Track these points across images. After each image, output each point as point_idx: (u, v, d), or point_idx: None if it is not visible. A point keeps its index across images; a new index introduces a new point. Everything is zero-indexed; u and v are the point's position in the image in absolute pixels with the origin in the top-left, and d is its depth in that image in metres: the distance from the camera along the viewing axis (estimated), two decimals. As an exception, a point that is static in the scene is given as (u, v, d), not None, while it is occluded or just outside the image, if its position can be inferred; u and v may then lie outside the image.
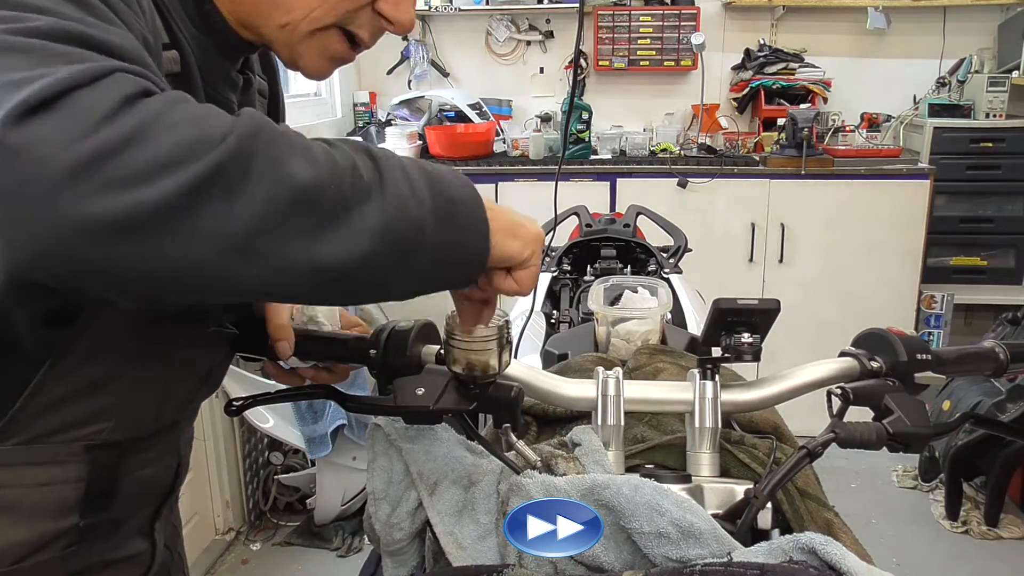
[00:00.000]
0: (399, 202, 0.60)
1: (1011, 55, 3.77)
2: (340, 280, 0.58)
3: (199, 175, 0.52)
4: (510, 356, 0.81)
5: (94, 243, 0.51)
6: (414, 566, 0.92)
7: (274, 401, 0.98)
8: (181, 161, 0.51)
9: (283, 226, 0.55)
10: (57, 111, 0.50)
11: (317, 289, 0.59)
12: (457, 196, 0.65)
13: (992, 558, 2.82)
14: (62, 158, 0.49)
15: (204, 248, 0.53)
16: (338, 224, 0.57)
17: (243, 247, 0.54)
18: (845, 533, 0.89)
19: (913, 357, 0.88)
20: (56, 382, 0.71)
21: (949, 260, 3.81)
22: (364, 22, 0.79)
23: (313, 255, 0.56)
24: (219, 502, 2.79)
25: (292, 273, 0.56)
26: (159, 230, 0.52)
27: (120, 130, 0.51)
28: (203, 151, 0.52)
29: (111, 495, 0.79)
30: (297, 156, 0.56)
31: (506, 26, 4.12)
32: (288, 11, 0.75)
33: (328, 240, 0.56)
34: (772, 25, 4.05)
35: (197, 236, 0.52)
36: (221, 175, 0.52)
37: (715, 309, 0.85)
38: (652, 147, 3.84)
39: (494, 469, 0.86)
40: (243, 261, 0.54)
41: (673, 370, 1.09)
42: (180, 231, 0.52)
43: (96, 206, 0.50)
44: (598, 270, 2.01)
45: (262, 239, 0.54)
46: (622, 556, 0.75)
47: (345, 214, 0.57)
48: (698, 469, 0.89)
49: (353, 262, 0.57)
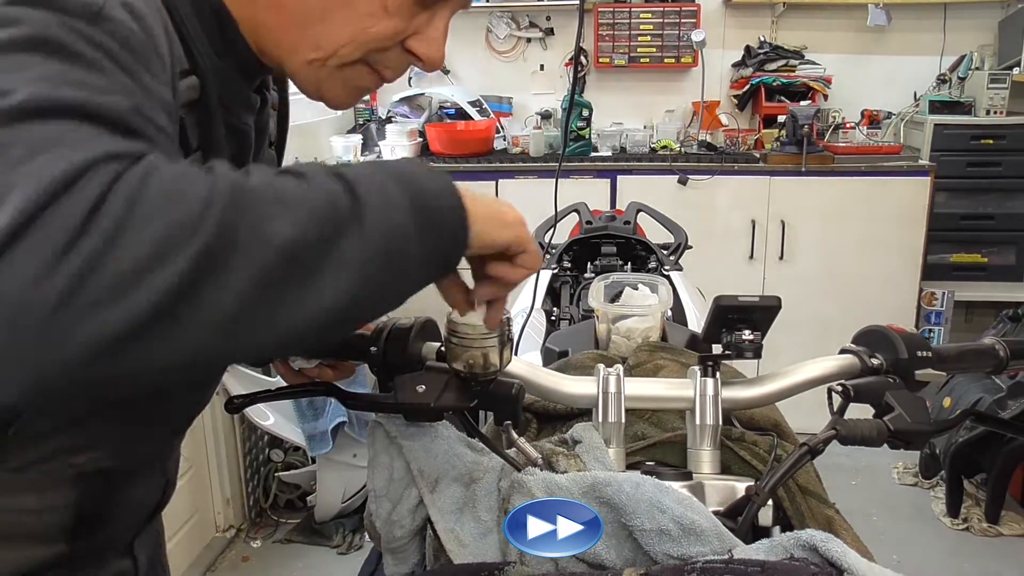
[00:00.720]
0: (380, 218, 0.59)
1: (1012, 52, 3.76)
2: (345, 314, 0.58)
3: (186, 266, 0.50)
4: (511, 353, 0.81)
5: (100, 362, 0.49)
6: (415, 563, 0.92)
7: (274, 398, 0.98)
8: (163, 256, 0.49)
9: (277, 287, 0.53)
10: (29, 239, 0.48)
11: (325, 331, 0.58)
12: (431, 192, 0.63)
13: (993, 555, 2.82)
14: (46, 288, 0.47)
15: (208, 333, 0.52)
16: (327, 266, 0.55)
17: (245, 320, 0.53)
18: (846, 530, 0.89)
19: (913, 354, 0.88)
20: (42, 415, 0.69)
21: (949, 257, 3.81)
22: (392, 60, 0.77)
23: (312, 305, 0.55)
24: (219, 499, 2.79)
25: (297, 328, 0.55)
26: (160, 329, 0.50)
27: (95, 243, 0.48)
28: (184, 239, 0.50)
29: (100, 521, 0.77)
30: (275, 211, 0.54)
31: (506, 23, 4.11)
32: (316, 47, 0.73)
33: (322, 285, 0.55)
34: (772, 22, 4.05)
35: (198, 324, 0.51)
36: (208, 258, 0.51)
37: (716, 306, 0.85)
38: (652, 144, 3.83)
39: (495, 466, 0.86)
40: (249, 333, 0.53)
41: (674, 367, 1.09)
42: (180, 324, 0.51)
43: (90, 328, 0.48)
44: (598, 267, 2.01)
45: (261, 307, 0.53)
46: (623, 553, 0.75)
47: (331, 253, 0.56)
48: (699, 466, 0.89)
49: (352, 293, 0.57)
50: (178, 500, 2.51)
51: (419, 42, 0.76)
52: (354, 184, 0.59)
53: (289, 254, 0.53)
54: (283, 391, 0.97)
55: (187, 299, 0.50)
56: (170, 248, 0.50)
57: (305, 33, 0.73)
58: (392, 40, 0.75)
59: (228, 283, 0.51)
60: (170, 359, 0.52)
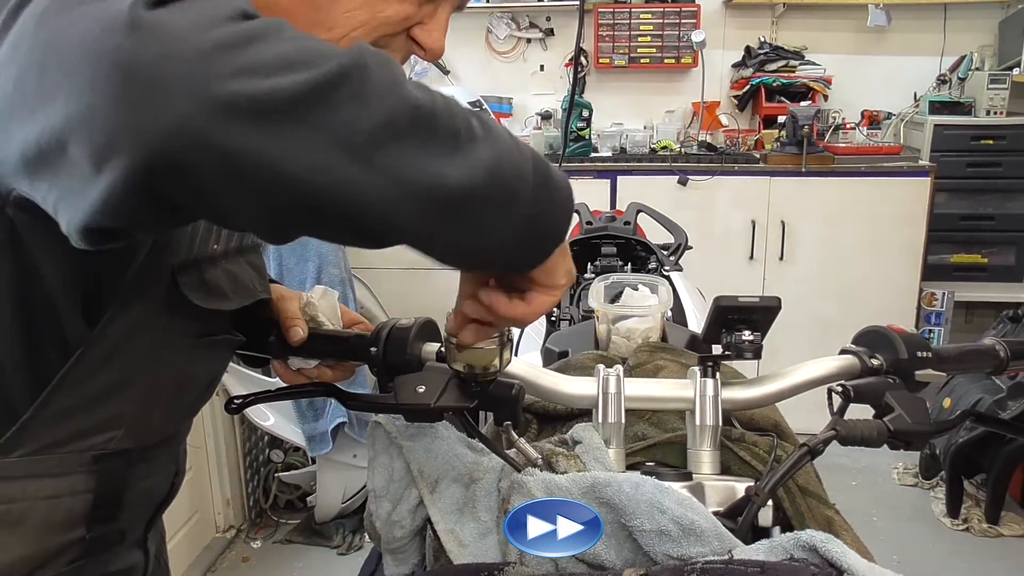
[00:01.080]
0: (507, 151, 0.60)
1: (1012, 52, 3.76)
2: (455, 205, 0.58)
3: (327, 76, 0.53)
4: (511, 354, 0.81)
5: (227, 123, 0.51)
6: (415, 564, 0.92)
7: (275, 399, 0.99)
8: (307, 63, 0.53)
9: (405, 140, 0.55)
10: (183, 6, 0.52)
11: (432, 211, 0.57)
12: (553, 171, 0.66)
13: (993, 556, 2.82)
14: (198, 40, 0.51)
15: (331, 150, 0.53)
16: (455, 150, 0.57)
17: (368, 155, 0.54)
18: (846, 531, 0.89)
19: (914, 355, 0.88)
20: (71, 388, 0.70)
21: (950, 257, 3.81)
22: (398, 46, 0.79)
23: (433, 173, 0.56)
24: (220, 500, 2.80)
25: (412, 188, 0.56)
26: (292, 122, 0.52)
27: (245, 29, 0.53)
28: (326, 59, 0.53)
29: (117, 506, 0.78)
30: (408, 84, 0.57)
31: (506, 24, 4.11)
32: (329, 29, 0.75)
33: (447, 163, 0.56)
34: (772, 22, 4.05)
35: (326, 136, 0.53)
36: (347, 81, 0.53)
37: (716, 307, 0.85)
38: (652, 145, 3.83)
39: (495, 467, 0.86)
40: (367, 171, 0.54)
41: (674, 368, 1.09)
42: (311, 126, 0.52)
43: (233, 85, 0.51)
44: (598, 268, 2.01)
45: (386, 150, 0.54)
46: (623, 554, 0.75)
47: (460, 144, 0.57)
48: (699, 467, 0.89)
49: (469, 189, 0.57)
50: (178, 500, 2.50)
51: (423, 31, 0.79)
52: (486, 119, 0.61)
53: (421, 118, 0.56)
54: (283, 392, 0.97)
55: (322, 105, 0.53)
56: (310, 60, 0.53)
57: (319, 15, 0.75)
58: (401, 25, 0.77)
59: (363, 108, 0.54)
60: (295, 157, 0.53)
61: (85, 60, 0.51)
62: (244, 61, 0.51)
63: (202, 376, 0.86)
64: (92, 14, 0.52)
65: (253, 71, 0.51)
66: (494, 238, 0.61)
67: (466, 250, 0.62)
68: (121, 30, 0.50)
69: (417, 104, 0.56)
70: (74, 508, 0.74)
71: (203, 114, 0.50)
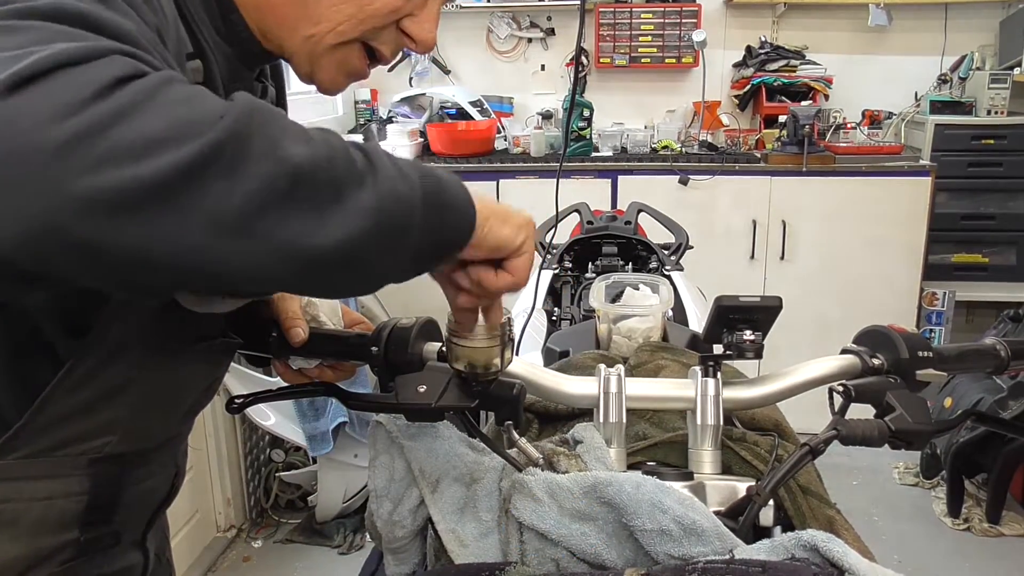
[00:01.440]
0: (390, 183, 0.59)
1: (1013, 52, 3.76)
2: (337, 263, 0.57)
3: (197, 153, 0.50)
4: (512, 353, 0.81)
5: (88, 219, 0.49)
6: (416, 563, 0.92)
7: (275, 399, 0.99)
8: (177, 139, 0.50)
9: (281, 207, 0.53)
10: (47, 85, 0.49)
11: (313, 273, 0.57)
12: (444, 182, 0.65)
13: (993, 555, 2.82)
14: (53, 132, 0.48)
15: (201, 229, 0.51)
16: (334, 205, 0.56)
17: (241, 229, 0.52)
18: (847, 530, 0.89)
19: (915, 354, 0.88)
20: (65, 395, 0.70)
21: (950, 257, 3.80)
22: (388, 39, 0.79)
23: (310, 237, 0.55)
24: (220, 500, 2.80)
25: (289, 257, 0.55)
26: (157, 208, 0.50)
27: (111, 106, 0.50)
28: (199, 131, 0.51)
29: (112, 508, 0.78)
30: (292, 137, 0.55)
31: (507, 23, 4.11)
32: (316, 22, 0.75)
33: (325, 222, 0.55)
34: (773, 22, 4.05)
35: (195, 217, 0.51)
36: (219, 154, 0.51)
37: (717, 306, 0.85)
38: (653, 144, 3.83)
39: (496, 466, 0.86)
40: (241, 244, 0.53)
41: (675, 367, 1.09)
42: (178, 210, 0.50)
43: (90, 180, 0.48)
44: (599, 267, 2.01)
45: (261, 221, 0.53)
46: (624, 553, 0.75)
47: (340, 196, 0.56)
48: (700, 466, 0.89)
49: (350, 243, 0.56)
50: (179, 500, 2.50)
51: (414, 23, 0.78)
52: (369, 151, 0.61)
53: (301, 177, 0.54)
54: (284, 391, 0.97)
55: (187, 188, 0.50)
56: (183, 135, 0.50)
57: (306, 10, 0.75)
58: (389, 18, 0.77)
59: (236, 183, 0.52)
60: (159, 243, 0.51)
61: None
62: (104, 149, 0.49)
63: (199, 380, 0.86)
64: None
65: (113, 159, 0.49)
66: (391, 271, 0.62)
67: (365, 288, 0.63)
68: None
69: (296, 164, 0.54)
70: (68, 510, 0.73)
71: (59, 213, 0.49)
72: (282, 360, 0.94)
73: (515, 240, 0.70)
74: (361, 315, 1.01)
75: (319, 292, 0.60)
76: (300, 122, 0.59)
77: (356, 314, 1.01)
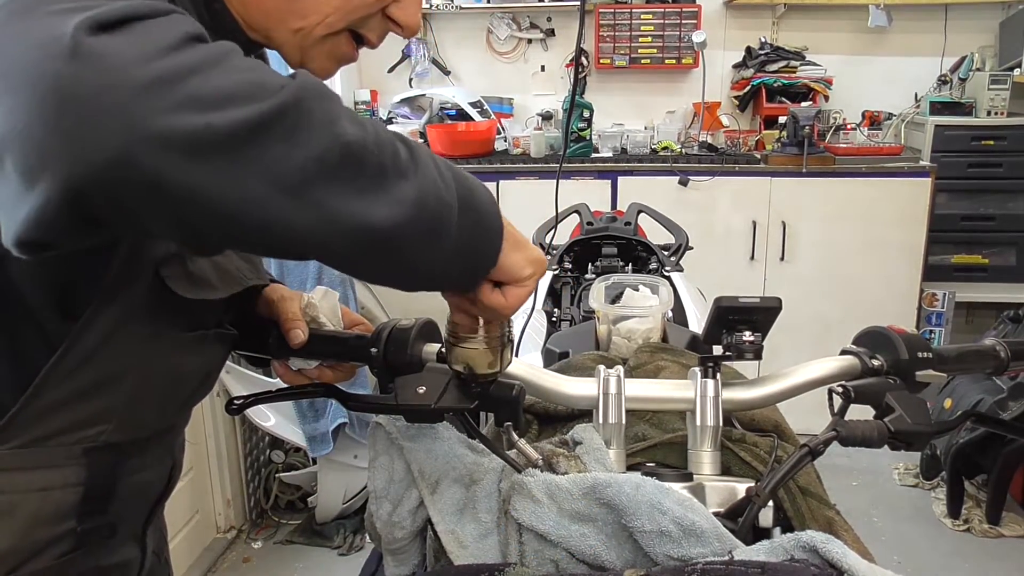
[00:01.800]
0: (432, 183, 0.62)
1: (1012, 53, 3.76)
2: (381, 243, 0.59)
3: (263, 113, 0.54)
4: (511, 354, 0.81)
5: (162, 155, 0.52)
6: (415, 564, 0.92)
7: (275, 399, 0.99)
8: (246, 98, 0.54)
9: (334, 179, 0.57)
10: (127, 32, 0.53)
11: (359, 248, 0.60)
12: (477, 193, 0.67)
13: (993, 556, 2.82)
14: (137, 72, 0.51)
15: (262, 185, 0.54)
16: (381, 188, 0.59)
17: (298, 192, 0.55)
18: (846, 531, 0.89)
19: (914, 355, 0.88)
20: (59, 382, 0.71)
21: (950, 258, 3.80)
22: (374, 26, 0.81)
23: (360, 212, 0.58)
24: (220, 500, 2.80)
25: (339, 226, 0.57)
26: (226, 157, 0.53)
27: (189, 59, 0.53)
28: (264, 94, 0.54)
29: (108, 499, 0.78)
30: (348, 117, 0.58)
31: (507, 24, 4.11)
32: (303, 16, 0.76)
33: (373, 201, 0.58)
34: (773, 23, 4.05)
35: (258, 171, 0.54)
36: (282, 118, 0.54)
37: (716, 307, 0.85)
38: (653, 145, 3.83)
39: (495, 467, 0.86)
40: (296, 206, 0.56)
41: (674, 368, 1.09)
42: (245, 162, 0.54)
43: (169, 120, 0.52)
44: (599, 268, 2.01)
45: (315, 187, 0.56)
46: (623, 554, 0.75)
47: (387, 182, 0.59)
48: (699, 467, 0.89)
49: (394, 227, 0.59)
50: (179, 501, 2.52)
51: (399, 9, 0.80)
52: (413, 147, 0.63)
53: (351, 156, 0.57)
54: (284, 392, 0.97)
55: (254, 143, 0.54)
56: (249, 96, 0.54)
57: (293, 4, 0.76)
58: (376, 6, 0.79)
59: (295, 146, 0.55)
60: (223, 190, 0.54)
61: (25, 80, 0.51)
62: (182, 95, 0.52)
63: (194, 371, 0.86)
64: (36, 33, 0.52)
65: (190, 106, 0.52)
66: (422, 269, 0.64)
67: (395, 280, 0.65)
68: (62, 56, 0.51)
69: (349, 141, 0.57)
70: (65, 500, 0.74)
71: (137, 147, 0.51)
72: (282, 361, 0.95)
73: (524, 270, 0.71)
74: (361, 316, 1.01)
75: (357, 271, 0.63)
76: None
77: (356, 315, 1.01)
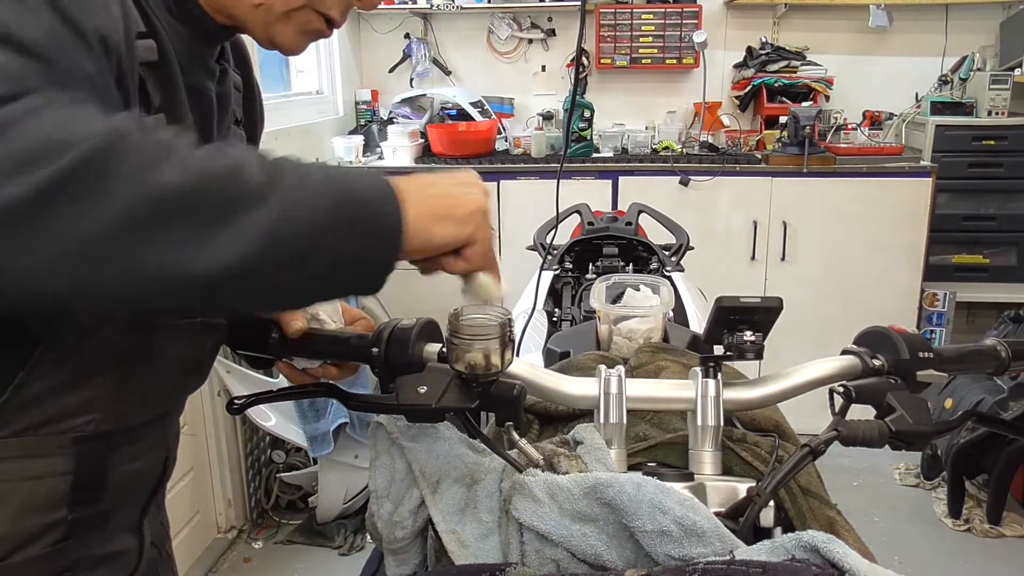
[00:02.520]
0: (294, 202, 0.59)
1: (1013, 53, 3.76)
2: (217, 288, 0.57)
3: (54, 175, 0.51)
4: (512, 354, 0.81)
5: None
6: (416, 564, 0.92)
7: (276, 399, 0.99)
8: (40, 158, 0.51)
9: (146, 233, 0.53)
10: None
11: (190, 298, 0.58)
12: (361, 193, 0.64)
13: (994, 556, 2.82)
14: None
15: (53, 254, 0.51)
16: (217, 229, 0.55)
17: (98, 254, 0.52)
18: (847, 531, 0.89)
19: (915, 355, 0.88)
20: (43, 374, 0.71)
21: (951, 258, 3.80)
22: (333, 2, 0.80)
23: (192, 262, 0.55)
24: (221, 500, 2.80)
25: (158, 282, 0.55)
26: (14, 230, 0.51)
27: None
28: (63, 151, 0.51)
29: (100, 488, 0.79)
30: (168, 161, 0.55)
31: (508, 24, 4.11)
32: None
33: (207, 246, 0.55)
34: (774, 23, 4.05)
35: (47, 241, 0.51)
36: (80, 176, 0.51)
37: (717, 307, 0.85)
38: (654, 145, 3.83)
39: (496, 467, 0.86)
40: (97, 269, 0.53)
41: (675, 368, 1.09)
42: (30, 235, 0.51)
43: None
44: (600, 268, 2.01)
45: (121, 246, 0.53)
46: (624, 554, 0.75)
47: (224, 219, 0.56)
48: (700, 467, 0.89)
49: (232, 269, 0.56)
50: (179, 501, 2.52)
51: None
52: (278, 172, 0.60)
53: (170, 203, 0.54)
54: (284, 392, 0.97)
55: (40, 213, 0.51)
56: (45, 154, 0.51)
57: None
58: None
59: (94, 205, 0.51)
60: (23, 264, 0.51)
61: None
62: None
63: (181, 360, 0.86)
64: None
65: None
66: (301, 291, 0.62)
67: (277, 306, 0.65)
68: None
69: (163, 190, 0.54)
70: (55, 489, 0.74)
71: None
72: (285, 360, 0.95)
73: (459, 236, 0.70)
74: (361, 311, 1.01)
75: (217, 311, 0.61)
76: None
77: (356, 311, 1.01)
